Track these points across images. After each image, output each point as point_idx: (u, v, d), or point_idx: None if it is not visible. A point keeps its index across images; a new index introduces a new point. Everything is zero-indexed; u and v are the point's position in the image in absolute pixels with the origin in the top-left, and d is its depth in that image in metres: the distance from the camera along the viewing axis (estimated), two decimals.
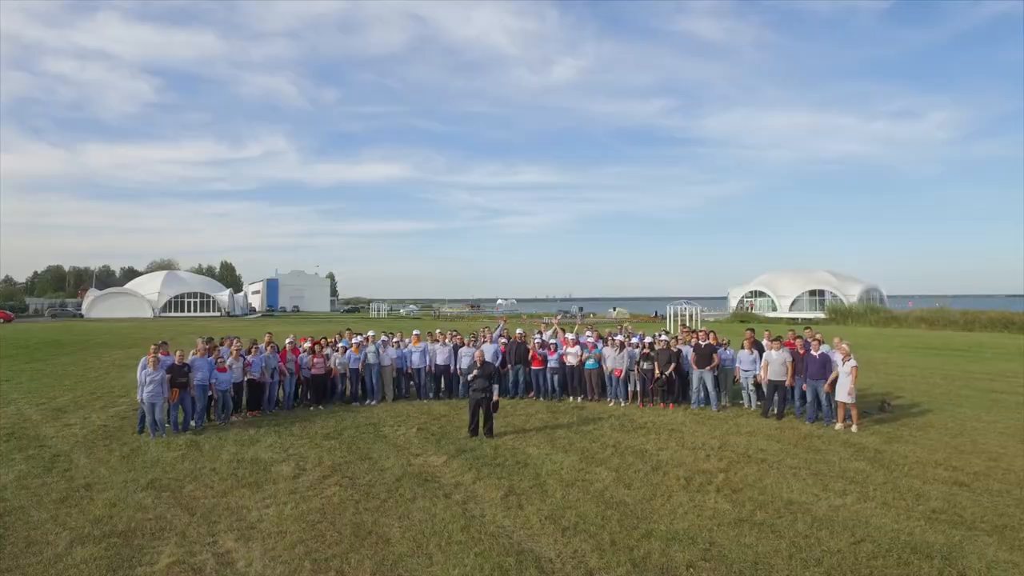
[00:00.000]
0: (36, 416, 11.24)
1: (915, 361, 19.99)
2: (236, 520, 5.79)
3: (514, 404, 12.53)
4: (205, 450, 8.70)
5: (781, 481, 6.82)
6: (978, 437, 8.80)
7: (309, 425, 10.31)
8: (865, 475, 6.98)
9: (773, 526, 5.46)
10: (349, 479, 7.14)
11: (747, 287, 74.53)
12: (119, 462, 8.01)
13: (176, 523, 5.72)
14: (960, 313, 43.49)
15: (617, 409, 11.58)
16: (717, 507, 6.02)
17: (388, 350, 13.01)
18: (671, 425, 9.96)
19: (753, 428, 9.57)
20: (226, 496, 6.53)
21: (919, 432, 9.08)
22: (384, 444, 8.94)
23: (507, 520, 5.78)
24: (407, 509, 6.06)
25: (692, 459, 7.86)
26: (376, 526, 5.61)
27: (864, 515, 5.70)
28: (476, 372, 9.41)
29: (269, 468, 7.66)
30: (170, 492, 6.66)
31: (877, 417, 10.25)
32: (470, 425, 9.33)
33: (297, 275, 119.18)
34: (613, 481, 6.96)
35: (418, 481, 7.02)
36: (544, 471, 7.42)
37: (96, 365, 19.99)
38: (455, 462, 7.85)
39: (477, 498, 6.40)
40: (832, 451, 8.07)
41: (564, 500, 6.34)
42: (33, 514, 5.99)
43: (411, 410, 11.70)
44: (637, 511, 5.98)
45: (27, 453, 8.52)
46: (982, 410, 10.74)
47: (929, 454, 7.87)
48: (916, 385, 13.84)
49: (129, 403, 12.29)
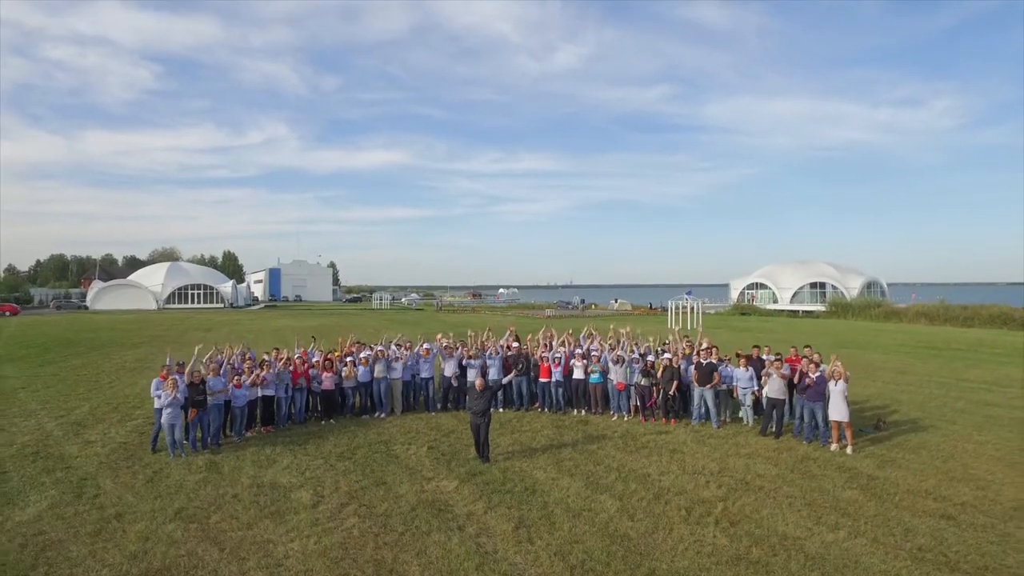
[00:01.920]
0: (57, 432, 11.61)
1: (913, 365, 20.31)
2: (264, 556, 6.15)
3: (520, 417, 12.90)
4: (225, 472, 9.07)
5: (777, 512, 7.17)
6: (969, 461, 9.14)
7: (322, 443, 10.67)
8: (857, 506, 7.33)
9: (767, 565, 5.81)
10: (367, 508, 7.50)
11: (748, 279, 74.76)
12: (144, 487, 8.38)
13: (208, 559, 6.09)
14: (960, 309, 43.78)
15: (620, 424, 11.94)
16: (716, 543, 6.37)
17: (396, 365, 13.35)
18: (673, 445, 10.31)
19: (752, 449, 9.92)
20: (251, 528, 6.89)
21: (912, 455, 9.43)
22: (397, 466, 9.31)
23: (518, 556, 6.14)
24: (424, 544, 6.42)
25: (692, 486, 8.21)
26: (396, 563, 5.98)
27: (854, 553, 6.05)
28: (476, 396, 9.71)
29: (288, 495, 8.03)
30: (197, 524, 7.03)
31: (872, 436, 10.59)
32: (476, 447, 9.65)
33: (299, 265, 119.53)
34: (617, 511, 7.31)
35: (432, 511, 7.38)
36: (551, 499, 7.77)
37: (107, 368, 20.38)
38: (466, 488, 8.21)
39: (489, 531, 6.76)
40: (827, 477, 8.42)
41: (571, 533, 6.69)
42: (72, 549, 6.36)
43: (420, 425, 12.07)
44: (640, 546, 6.34)
45: (55, 476, 8.89)
46: (975, 428, 11.08)
47: (920, 481, 8.22)
48: (912, 397, 14.17)
49: (145, 417, 12.66)
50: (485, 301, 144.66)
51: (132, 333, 34.97)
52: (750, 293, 72.48)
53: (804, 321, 48.40)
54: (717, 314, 62.39)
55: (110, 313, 58.82)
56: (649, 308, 73.73)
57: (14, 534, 6.70)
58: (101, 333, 34.65)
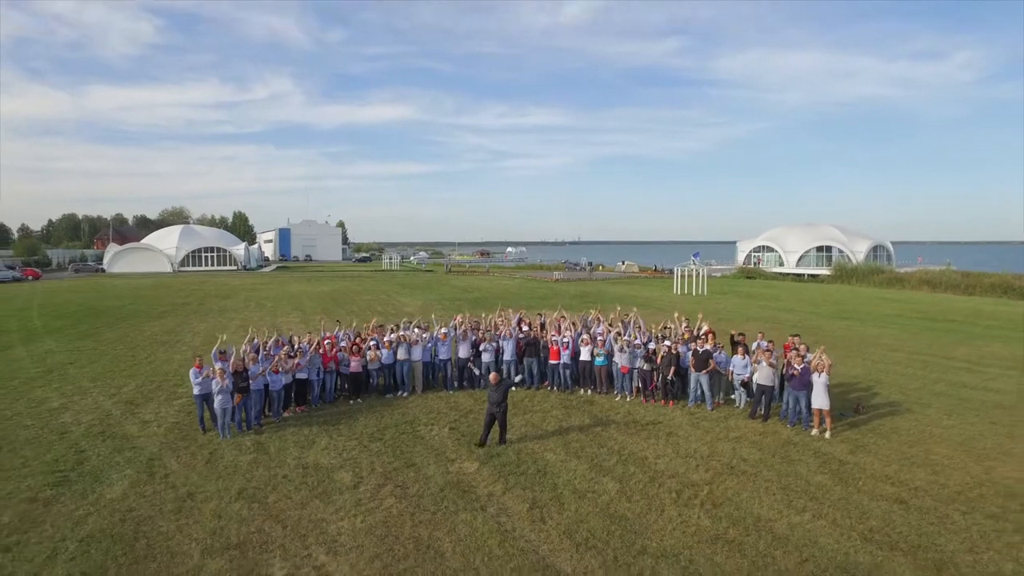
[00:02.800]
0: (115, 411, 12.90)
1: (904, 341, 21.27)
2: (320, 533, 7.39)
3: (531, 396, 14.09)
4: (272, 453, 10.32)
5: (754, 496, 8.33)
6: (932, 446, 10.24)
7: (353, 423, 11.91)
8: (825, 490, 8.48)
9: (740, 545, 6.98)
10: (401, 489, 8.73)
11: (755, 241, 75.05)
12: (204, 468, 9.65)
13: (274, 536, 7.33)
14: (962, 276, 44.33)
15: (623, 405, 13.10)
16: (699, 523, 7.55)
17: (416, 348, 14.47)
18: (669, 427, 11.46)
19: (740, 433, 11.06)
20: (305, 507, 8.14)
21: (882, 440, 10.53)
22: (423, 447, 10.53)
23: (533, 535, 7.34)
24: (453, 523, 7.64)
25: (684, 469, 9.38)
26: (432, 540, 7.20)
27: (814, 534, 7.21)
28: (492, 389, 10.77)
29: (331, 476, 9.27)
30: (258, 503, 8.28)
31: (850, 420, 11.69)
32: (481, 436, 10.71)
33: (308, 224, 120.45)
34: (617, 493, 8.50)
35: (458, 492, 8.60)
36: (560, 481, 8.97)
37: (140, 342, 21.68)
38: (486, 470, 9.43)
39: (508, 511, 7.97)
40: (803, 462, 9.56)
41: (577, 514, 7.89)
42: (161, 524, 7.63)
43: (440, 405, 13.28)
44: (635, 526, 7.53)
45: (125, 455, 10.17)
46: (945, 412, 12.14)
47: (883, 466, 9.35)
48: (895, 379, 15.20)
49: (187, 396, 13.86)
50: (493, 260, 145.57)
51: (154, 301, 36.35)
52: (756, 256, 72.94)
53: (808, 287, 49.15)
54: (723, 277, 63.12)
55: (127, 277, 60.34)
56: (654, 270, 74.46)
57: (111, 510, 7.98)
58: (124, 301, 36.04)
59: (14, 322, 26.95)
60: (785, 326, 25.35)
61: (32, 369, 16.91)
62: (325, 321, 16.63)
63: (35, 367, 17.19)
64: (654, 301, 37.44)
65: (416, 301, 37.37)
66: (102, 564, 6.64)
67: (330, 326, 15.93)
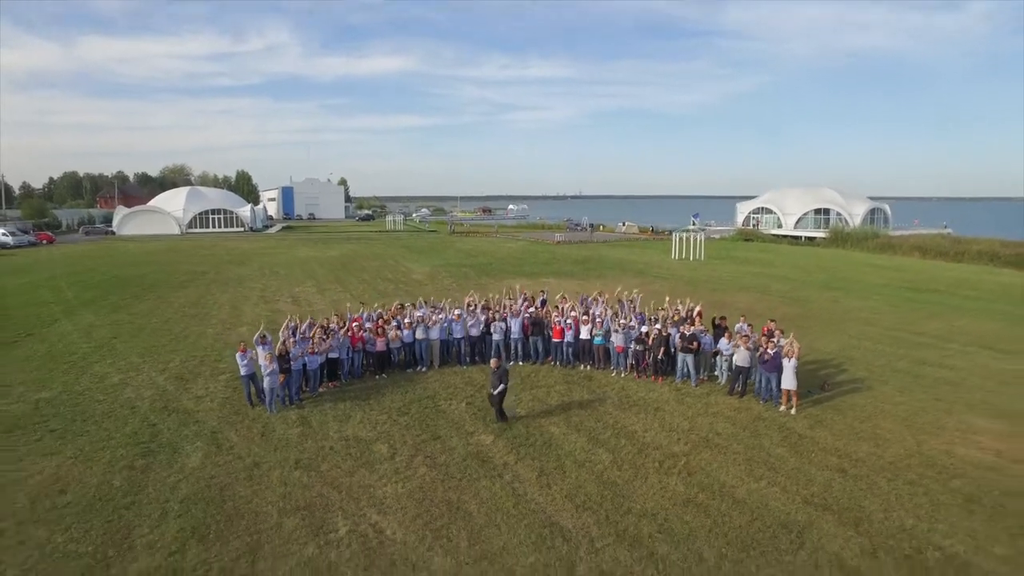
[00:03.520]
0: (169, 386, 14.64)
1: (882, 315, 22.86)
2: (369, 497, 9.18)
3: (537, 371, 15.82)
4: (315, 427, 12.08)
5: (723, 466, 10.10)
6: (880, 421, 11.97)
7: (381, 398, 13.65)
8: (782, 461, 10.24)
9: (706, 507, 8.76)
10: (430, 459, 10.51)
11: (754, 203, 75.85)
12: (261, 440, 11.42)
13: (334, 499, 9.12)
14: (952, 243, 45.62)
15: (618, 380, 14.82)
16: (675, 489, 9.32)
17: (433, 328, 16.09)
18: (657, 403, 13.20)
19: (718, 408, 12.80)
20: (353, 475, 9.92)
21: (838, 416, 12.27)
22: (445, 421, 12.29)
23: (541, 498, 9.13)
24: (476, 488, 9.42)
25: (667, 442, 11.14)
26: (460, 502, 8.99)
27: (766, 498, 8.98)
28: (491, 373, 12.33)
29: (370, 447, 11.04)
30: (315, 471, 10.06)
31: (816, 397, 13.41)
32: (496, 417, 12.36)
33: (311, 183, 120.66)
34: (610, 463, 10.28)
35: (478, 462, 10.38)
36: (563, 452, 10.74)
37: (170, 315, 23.31)
38: (500, 442, 11.19)
39: (520, 478, 9.76)
40: (767, 436, 11.31)
41: (576, 480, 9.67)
42: (239, 489, 9.42)
43: (456, 380, 15.00)
44: (624, 491, 9.31)
45: (192, 429, 11.93)
46: (899, 390, 13.84)
47: (834, 440, 11.10)
48: (864, 355, 16.86)
49: (229, 372, 15.55)
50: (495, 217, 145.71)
51: (171, 268, 37.86)
52: (755, 218, 73.89)
53: (803, 251, 50.42)
54: (721, 240, 64.23)
55: (137, 240, 61.67)
56: (651, 232, 75.55)
57: (196, 477, 9.77)
58: (144, 269, 37.55)
59: (47, 293, 28.59)
60: (774, 297, 26.97)
61: (83, 344, 18.61)
62: (351, 305, 18.16)
63: (85, 342, 18.89)
64: (652, 267, 38.91)
65: (423, 267, 38.82)
66: (204, 521, 8.44)
67: (355, 308, 17.53)
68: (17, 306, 25.21)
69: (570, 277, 34.61)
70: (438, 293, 28.76)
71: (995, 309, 24.45)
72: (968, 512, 8.52)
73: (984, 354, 17.10)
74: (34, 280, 32.76)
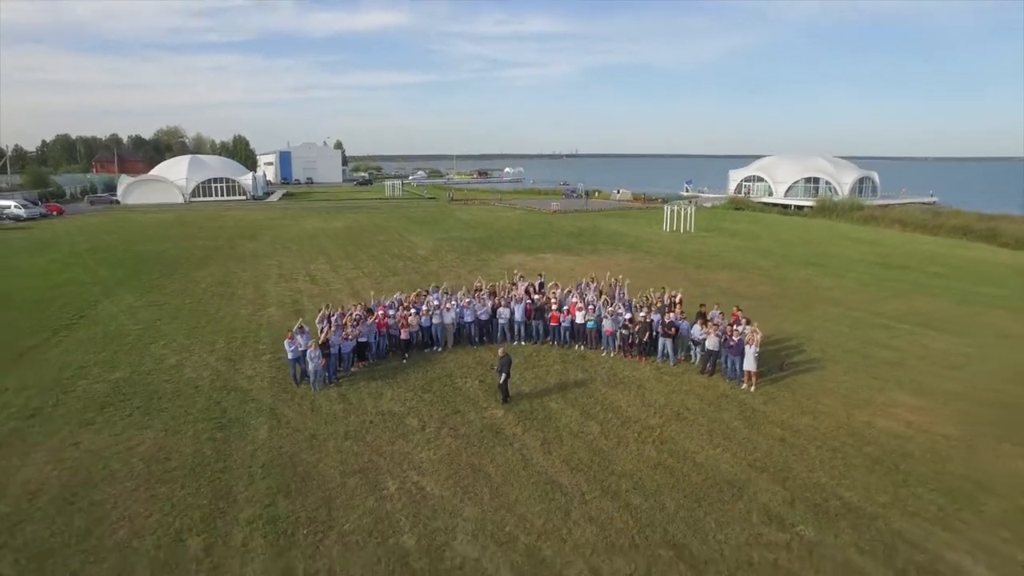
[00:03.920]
0: (220, 367, 16.99)
1: (848, 294, 25.27)
2: (409, 462, 11.67)
3: (538, 351, 18.23)
4: (354, 403, 14.52)
5: (689, 436, 12.62)
6: (822, 398, 14.49)
7: (406, 378, 16.06)
8: (736, 431, 12.76)
9: (672, 469, 11.30)
10: (454, 430, 12.99)
11: (746, 171, 77.38)
12: (311, 415, 13.85)
13: (381, 464, 11.61)
14: (931, 216, 47.74)
15: (607, 360, 17.27)
16: (649, 455, 11.85)
17: (446, 313, 18.41)
18: (640, 381, 15.69)
19: (690, 386, 15.29)
20: (393, 444, 12.40)
21: (788, 393, 14.78)
22: (462, 397, 14.75)
23: (545, 462, 11.65)
24: (492, 454, 11.93)
25: (645, 415, 13.65)
26: (480, 465, 11.50)
27: (719, 462, 11.52)
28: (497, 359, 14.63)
29: (403, 421, 13.50)
30: (362, 441, 12.53)
31: (774, 376, 15.89)
32: (502, 398, 14.77)
33: (309, 147, 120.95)
34: (599, 434, 12.79)
35: (492, 432, 12.87)
36: (561, 424, 13.24)
37: (201, 295, 25.50)
38: (510, 416, 13.67)
39: (527, 446, 12.26)
40: (728, 410, 13.82)
41: (571, 448, 12.18)
42: (305, 457, 11.89)
43: (469, 360, 17.39)
44: (609, 456, 11.83)
45: (251, 406, 14.34)
46: (844, 370, 16.33)
47: (781, 414, 13.62)
48: (823, 336, 19.31)
49: (270, 352, 17.88)
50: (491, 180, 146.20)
51: (188, 243, 39.81)
52: (747, 186, 75.58)
53: (789, 223, 52.41)
54: (712, 208, 66.11)
55: (143, 210, 63.12)
56: (643, 199, 77.26)
57: (268, 447, 12.23)
58: (162, 244, 39.49)
59: (80, 271, 30.65)
60: (755, 275, 29.33)
61: (133, 326, 20.88)
62: (374, 293, 20.40)
63: (133, 324, 21.15)
64: (643, 241, 41.07)
65: (427, 241, 40.90)
66: (284, 483, 10.93)
67: (377, 294, 19.82)
68: (57, 285, 27.33)
69: (566, 252, 36.81)
70: (443, 269, 31.08)
71: (954, 288, 26.84)
72: (870, 471, 11.09)
73: (929, 335, 19.58)
74: (61, 257, 34.72)
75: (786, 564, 8.69)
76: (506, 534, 9.41)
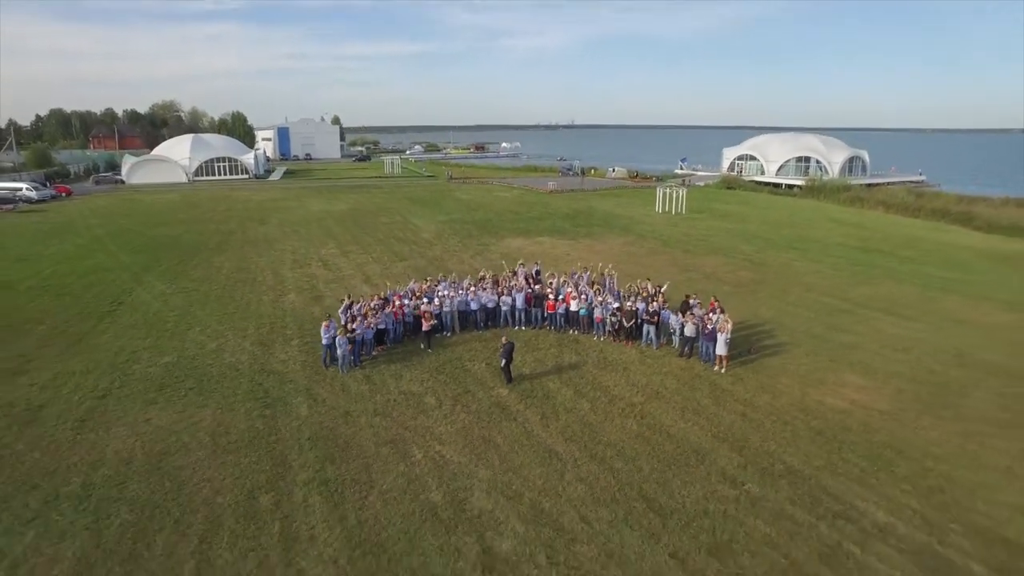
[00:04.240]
0: (256, 351, 19.18)
1: (822, 279, 27.48)
2: (432, 435, 13.97)
3: (537, 335, 20.45)
4: (377, 384, 16.77)
5: (665, 412, 14.94)
6: (782, 379, 16.80)
7: (421, 361, 18.28)
8: (705, 408, 15.08)
9: (649, 440, 13.63)
10: (466, 407, 15.27)
11: (739, 149, 78.91)
12: (342, 394, 16.10)
13: (407, 435, 13.91)
14: (913, 198, 49.73)
15: (597, 344, 19.52)
16: (631, 428, 14.17)
17: (455, 300, 20.59)
18: (626, 363, 17.97)
19: (670, 368, 17.58)
20: (416, 419, 14.69)
21: (754, 374, 17.08)
22: (472, 379, 17.01)
23: (544, 434, 13.97)
24: (500, 427, 14.23)
25: (629, 394, 15.96)
26: (491, 437, 13.81)
27: (688, 434, 13.85)
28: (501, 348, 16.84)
29: (422, 399, 15.78)
30: (390, 417, 14.81)
31: (744, 358, 18.17)
32: (505, 380, 17.00)
33: (306, 123, 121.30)
34: (589, 410, 15.09)
35: (499, 409, 15.16)
36: (557, 402, 15.54)
37: (223, 282, 27.54)
38: (513, 395, 15.96)
39: (529, 421, 14.57)
40: (701, 390, 16.13)
41: (566, 422, 14.49)
42: (344, 430, 14.17)
43: (476, 344, 19.61)
44: (597, 429, 14.15)
45: (289, 387, 16.55)
46: (806, 353, 18.61)
47: (745, 392, 15.93)
48: (792, 321, 21.56)
49: (299, 338, 20.08)
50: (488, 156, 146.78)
51: (201, 227, 41.62)
52: (739, 164, 77.19)
53: (778, 204, 54.27)
54: (705, 187, 67.83)
55: (148, 190, 64.55)
56: (635, 176, 78.89)
57: (310, 423, 14.49)
58: (176, 228, 41.31)
59: (104, 258, 32.58)
60: (738, 261, 31.46)
61: (168, 313, 22.98)
62: (391, 283, 22.51)
63: (168, 311, 23.25)
64: (636, 224, 43.04)
65: (430, 225, 42.77)
66: (329, 452, 13.22)
67: (392, 284, 21.96)
68: (86, 272, 29.30)
69: (562, 235, 38.82)
70: (447, 254, 33.17)
71: (920, 273, 29.08)
72: (812, 441, 13.45)
73: (887, 320, 21.86)
74: (84, 243, 36.55)
75: (734, 513, 11.06)
76: (513, 491, 11.76)
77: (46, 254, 33.51)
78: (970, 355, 18.22)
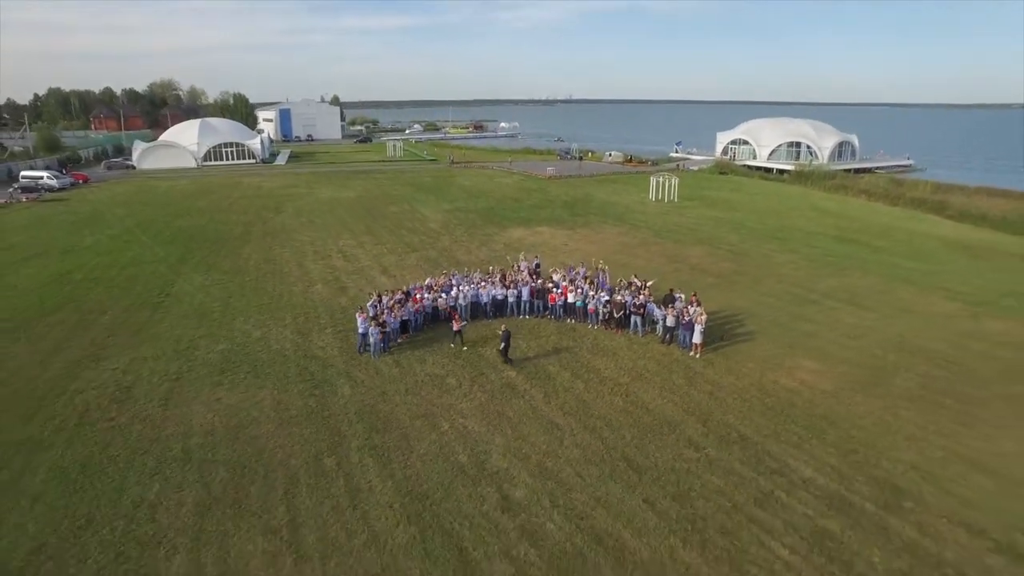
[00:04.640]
0: (297, 339, 22.20)
1: (796, 270, 30.45)
2: (454, 411, 17.07)
3: (537, 323, 23.50)
4: (405, 368, 19.84)
5: (646, 391, 18.05)
6: (746, 362, 19.89)
7: (440, 347, 21.32)
8: (679, 387, 18.20)
9: (632, 413, 16.76)
10: (481, 387, 18.37)
11: (732, 134, 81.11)
12: (377, 376, 19.17)
13: (435, 410, 17.02)
14: (894, 186, 52.44)
15: (591, 332, 22.58)
16: (617, 403, 17.29)
17: (468, 292, 23.59)
18: (615, 349, 21.05)
19: (653, 354, 20.67)
20: (441, 397, 17.79)
21: (723, 359, 20.17)
22: (485, 363, 20.08)
23: (546, 408, 17.10)
24: (510, 404, 17.35)
25: (617, 375, 19.06)
26: (503, 411, 16.93)
27: (664, 409, 16.98)
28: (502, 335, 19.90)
29: (444, 381, 18.86)
30: (421, 396, 17.90)
31: (716, 345, 21.24)
32: (504, 359, 20.03)
33: (307, 104, 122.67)
34: (583, 389, 18.21)
35: (509, 388, 18.27)
36: (557, 383, 18.64)
37: (254, 273, 30.39)
38: (520, 376, 19.06)
39: (534, 399, 17.69)
40: (678, 372, 19.24)
41: (564, 399, 17.61)
42: (382, 407, 17.27)
43: (486, 332, 22.64)
44: (589, 405, 17.28)
45: (332, 371, 19.60)
46: (770, 340, 21.67)
47: (715, 374, 19.03)
48: (762, 311, 24.60)
49: (332, 327, 23.08)
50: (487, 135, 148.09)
51: (221, 217, 44.25)
52: (732, 149, 79.51)
53: (767, 191, 56.89)
54: (699, 172, 70.32)
55: (162, 176, 66.82)
56: (630, 160, 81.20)
57: (354, 401, 17.57)
58: (198, 219, 43.95)
59: (139, 249, 35.34)
60: (722, 251, 34.35)
61: (212, 304, 25.90)
62: (407, 278, 25.43)
63: (212, 302, 26.16)
64: (631, 213, 45.79)
65: (436, 214, 45.46)
66: (374, 424, 16.32)
67: (402, 272, 24.89)
68: (127, 264, 32.11)
69: (560, 225, 41.62)
70: (455, 245, 36.06)
71: (887, 263, 32.01)
72: (763, 414, 16.60)
73: (846, 310, 24.89)
74: (118, 234, 39.22)
75: (695, 470, 14.23)
76: (523, 454, 14.91)
77: (83, 246, 36.21)
78: (909, 342, 21.34)
